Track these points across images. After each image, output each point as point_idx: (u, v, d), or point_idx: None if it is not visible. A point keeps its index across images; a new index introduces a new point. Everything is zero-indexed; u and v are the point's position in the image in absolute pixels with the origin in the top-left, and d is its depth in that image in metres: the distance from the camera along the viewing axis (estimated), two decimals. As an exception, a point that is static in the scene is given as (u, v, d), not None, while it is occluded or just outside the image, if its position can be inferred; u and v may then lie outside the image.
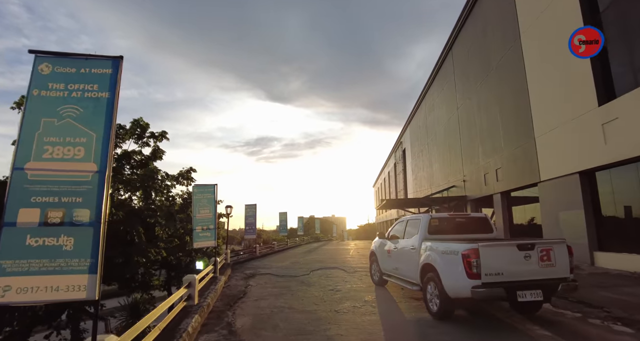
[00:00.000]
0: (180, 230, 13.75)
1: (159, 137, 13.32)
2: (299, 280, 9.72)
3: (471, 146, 18.64)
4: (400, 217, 9.65)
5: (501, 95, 15.10)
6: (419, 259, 6.17)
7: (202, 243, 9.52)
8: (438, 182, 24.81)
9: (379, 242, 8.51)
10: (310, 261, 14.94)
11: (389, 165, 51.24)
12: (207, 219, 9.59)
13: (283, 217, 27.94)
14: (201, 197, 9.67)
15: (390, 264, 7.62)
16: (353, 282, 9.20)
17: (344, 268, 12.03)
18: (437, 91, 24.65)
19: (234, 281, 9.80)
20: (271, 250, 21.28)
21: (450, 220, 6.61)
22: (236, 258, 15.39)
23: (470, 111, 18.67)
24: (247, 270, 11.98)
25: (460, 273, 4.89)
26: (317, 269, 11.87)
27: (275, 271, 11.69)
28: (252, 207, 18.60)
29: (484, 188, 17.05)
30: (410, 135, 34.35)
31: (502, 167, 15.15)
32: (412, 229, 6.91)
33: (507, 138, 14.73)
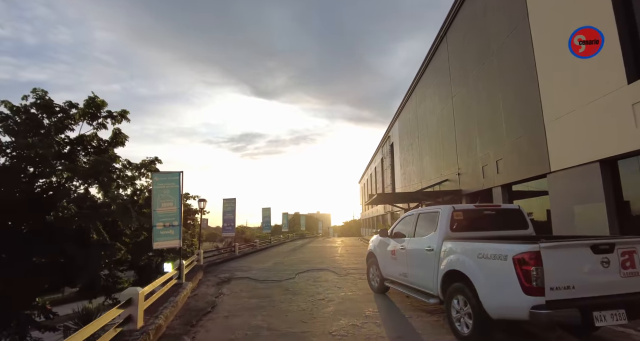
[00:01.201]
0: (146, 226, 11.95)
1: (118, 118, 11.25)
2: (283, 286, 8.13)
3: (467, 137, 17.41)
4: (393, 211, 8.11)
5: (504, 80, 13.84)
6: (439, 264, 4.69)
7: (164, 243, 7.77)
8: (429, 176, 23.61)
9: (379, 241, 7.01)
10: (296, 261, 13.35)
11: (375, 161, 50.12)
12: (170, 214, 7.85)
13: (266, 212, 26.15)
14: (163, 187, 7.92)
15: (395, 268, 6.13)
16: (347, 288, 7.67)
17: (334, 269, 10.50)
18: (429, 81, 23.39)
19: (203, 288, 8.10)
20: (253, 249, 19.59)
21: (477, 213, 5.14)
22: (212, 259, 13.64)
23: (466, 100, 17.43)
24: (222, 274, 10.28)
25: (510, 286, 3.41)
26: (303, 271, 10.30)
27: (256, 274, 10.04)
28: (230, 201, 16.77)
29: (482, 181, 15.85)
30: (399, 129, 33.13)
31: (504, 158, 13.92)
32: (425, 225, 5.43)
33: (510, 127, 13.50)
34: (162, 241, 7.80)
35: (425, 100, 24.43)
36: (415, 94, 27.00)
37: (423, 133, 24.98)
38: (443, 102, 20.65)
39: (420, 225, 5.59)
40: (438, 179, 21.40)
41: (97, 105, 10.43)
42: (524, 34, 12.30)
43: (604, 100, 9.06)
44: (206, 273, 10.34)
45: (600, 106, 9.18)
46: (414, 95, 27.52)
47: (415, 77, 26.47)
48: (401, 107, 31.76)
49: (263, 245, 22.80)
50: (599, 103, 9.24)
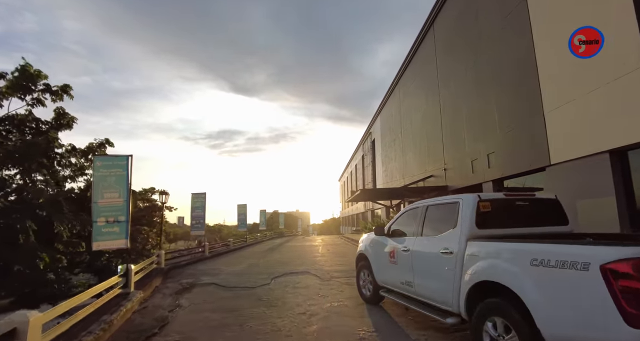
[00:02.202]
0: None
1: (59, 93, 9.27)
2: (255, 294, 6.72)
3: (455, 131, 16.53)
4: (374, 209, 6.88)
5: (497, 70, 12.96)
6: (462, 272, 3.47)
7: (107, 242, 6.19)
8: (412, 172, 22.74)
9: (372, 240, 5.74)
10: (273, 262, 11.93)
11: (356, 158, 49.23)
12: (115, 207, 6.28)
13: (242, 209, 24.43)
14: (106, 173, 6.32)
15: (394, 275, 4.88)
16: (332, 297, 6.36)
17: (316, 272, 9.19)
18: (414, 74, 22.48)
19: (157, 299, 6.57)
20: (227, 249, 17.96)
21: (508, 204, 3.96)
22: (177, 261, 11.98)
23: (455, 93, 16.54)
24: (185, 279, 8.73)
25: (598, 310, 2.20)
26: (280, 275, 8.92)
27: (225, 279, 8.56)
28: (199, 196, 15.04)
29: (471, 177, 14.98)
30: (381, 125, 32.23)
31: (496, 152, 13.06)
32: (438, 220, 4.20)
33: (504, 119, 12.63)
34: (104, 240, 6.21)
35: (409, 94, 23.53)
36: (398, 89, 26.08)
37: (407, 129, 24.09)
38: (429, 95, 19.75)
39: (431, 221, 4.35)
40: (422, 175, 20.51)
41: (30, 77, 8.41)
42: (520, 18, 11.36)
43: (615, 85, 8.14)
44: (166, 279, 8.75)
45: (609, 91, 8.26)
46: (397, 90, 26.60)
47: (398, 71, 25.53)
48: (383, 102, 30.84)
49: (238, 244, 21.17)
50: (609, 89, 8.32)
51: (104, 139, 10.56)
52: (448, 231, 3.89)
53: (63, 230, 8.91)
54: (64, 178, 10.32)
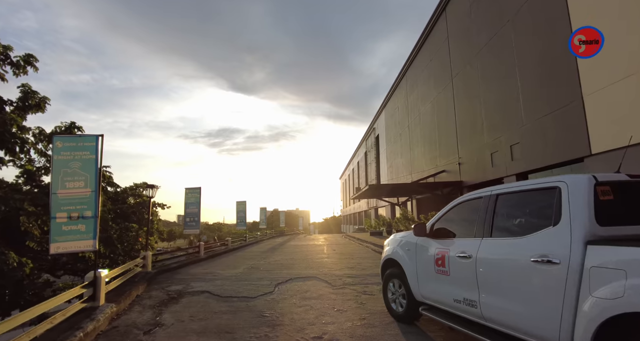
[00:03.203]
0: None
1: (21, 65, 7.87)
2: (256, 308, 5.43)
3: (471, 121, 15.23)
4: (377, 207, 5.59)
5: (523, 49, 11.65)
6: (577, 293, 2.19)
7: (69, 243, 4.86)
8: (421, 167, 21.46)
9: (406, 243, 4.45)
10: (275, 265, 10.63)
11: (358, 155, 47.92)
12: (80, 199, 4.97)
13: (241, 207, 23.12)
14: (69, 157, 5.02)
15: (445, 289, 3.60)
16: (352, 312, 5.07)
17: (325, 277, 7.89)
18: (423, 64, 21.14)
19: (134, 313, 5.28)
20: (225, 248, 16.67)
21: (635, 189, 2.68)
22: (168, 263, 10.67)
23: (470, 80, 15.24)
24: (173, 285, 7.43)
25: None
26: (285, 281, 7.62)
27: (220, 286, 7.26)
28: (194, 191, 13.72)
29: (490, 171, 13.70)
30: (386, 120, 30.92)
31: (521, 142, 11.76)
32: (520, 214, 2.92)
33: (531, 105, 11.32)
34: (65, 241, 4.89)
35: (417, 85, 22.21)
36: (405, 80, 24.75)
37: (415, 122, 22.79)
38: (440, 84, 18.44)
39: (506, 215, 3.07)
40: (433, 170, 19.22)
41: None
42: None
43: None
44: (151, 285, 7.45)
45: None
46: (403, 82, 25.28)
47: (405, 62, 24.20)
48: (388, 96, 29.52)
49: (237, 243, 19.86)
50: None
51: (70, 122, 9.11)
52: (543, 230, 2.60)
53: (32, 227, 7.61)
54: (38, 170, 9.03)
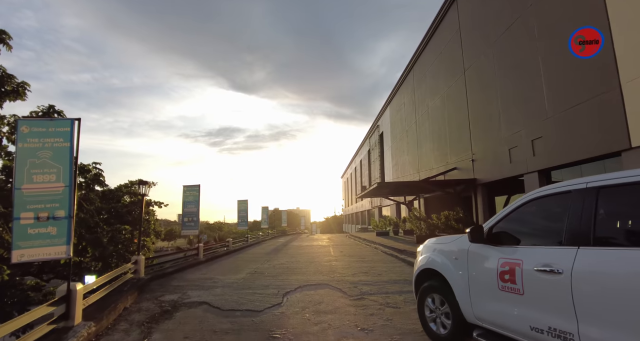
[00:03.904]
0: None
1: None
2: (263, 325, 4.55)
3: (486, 116, 14.34)
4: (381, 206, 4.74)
5: (546, 37, 10.75)
6: None
7: (35, 250, 4.02)
8: (430, 164, 20.58)
9: (451, 251, 3.56)
10: (281, 269, 9.76)
11: (361, 153, 47.03)
12: (50, 195, 4.10)
13: (242, 206, 22.24)
14: (38, 144, 4.15)
15: (514, 311, 2.70)
16: (378, 331, 4.19)
17: (339, 285, 7.01)
18: (431, 57, 20.25)
19: (118, 333, 4.39)
20: (226, 250, 15.81)
21: None
22: (166, 266, 9.80)
23: (485, 71, 14.35)
24: (167, 295, 6.56)
25: None
26: (293, 289, 6.74)
27: (220, 296, 6.39)
28: (192, 189, 12.80)
29: (508, 168, 12.81)
30: (391, 116, 30.02)
31: (544, 137, 10.87)
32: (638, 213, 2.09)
33: (556, 96, 10.43)
34: (31, 247, 4.01)
35: (426, 79, 21.30)
36: (412, 74, 23.85)
37: (422, 118, 21.89)
38: (451, 77, 17.54)
39: (616, 216, 2.22)
40: (443, 168, 18.32)
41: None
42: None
43: None
44: (143, 294, 6.58)
45: None
46: (410, 77, 24.37)
47: (412, 56, 23.31)
48: (394, 91, 28.62)
49: (238, 244, 18.99)
50: None
51: (49, 106, 8.14)
52: None
53: (2, 230, 6.75)
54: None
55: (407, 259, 10.17)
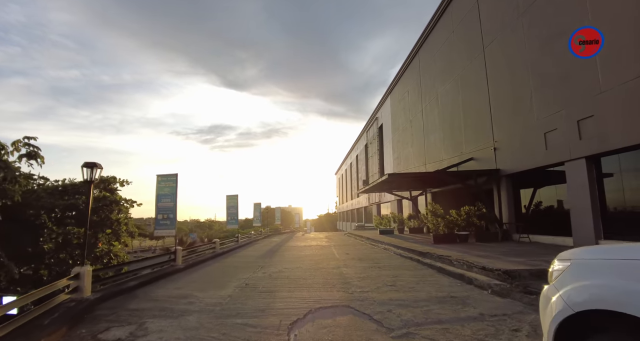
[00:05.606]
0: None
1: None
2: None
3: (514, 97, 12.44)
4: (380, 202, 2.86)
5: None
6: None
7: None
8: (439, 155, 18.67)
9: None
10: (279, 280, 7.63)
11: (357, 148, 45.08)
12: None
13: (232, 202, 19.98)
14: None
15: None
16: None
17: (366, 308, 4.94)
18: (442, 37, 18.28)
19: None
20: (213, 252, 13.64)
21: None
22: (129, 279, 7.55)
23: (511, 46, 12.44)
24: (115, 327, 4.42)
25: None
26: (302, 317, 4.65)
27: (193, 330, 4.28)
28: (167, 179, 10.40)
29: (542, 155, 10.93)
30: (392, 107, 28.06)
31: (597, 115, 8.98)
32: None
33: (615, 65, 8.52)
34: None
35: (435, 62, 19.32)
36: (417, 59, 21.86)
37: (430, 105, 19.94)
38: (467, 57, 15.58)
39: None
40: (457, 159, 16.39)
41: None
42: None
43: None
44: (76, 327, 4.42)
45: None
46: (415, 61, 22.38)
47: (419, 39, 21.31)
48: (396, 79, 26.64)
49: (226, 246, 16.79)
50: None
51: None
52: None
53: None
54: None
55: (435, 264, 8.19)
